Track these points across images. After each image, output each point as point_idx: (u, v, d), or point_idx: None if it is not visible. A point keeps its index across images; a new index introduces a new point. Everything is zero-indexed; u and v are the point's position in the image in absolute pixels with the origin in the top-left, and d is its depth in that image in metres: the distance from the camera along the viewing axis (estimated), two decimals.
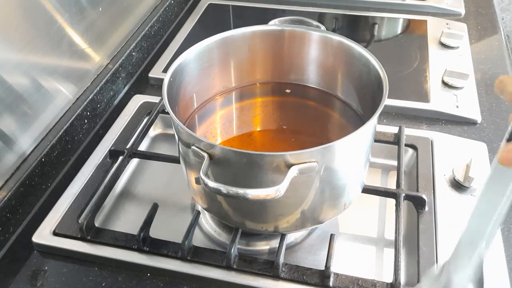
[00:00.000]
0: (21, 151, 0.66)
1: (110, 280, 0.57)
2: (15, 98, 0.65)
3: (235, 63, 0.66)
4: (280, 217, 0.54)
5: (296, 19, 0.71)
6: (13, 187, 0.63)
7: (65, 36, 0.74)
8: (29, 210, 0.66)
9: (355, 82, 0.62)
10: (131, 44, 0.89)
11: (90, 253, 0.59)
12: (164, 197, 0.67)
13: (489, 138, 0.73)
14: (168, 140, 0.77)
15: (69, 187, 0.66)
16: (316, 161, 0.47)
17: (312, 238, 0.61)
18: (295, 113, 0.67)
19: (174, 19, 1.06)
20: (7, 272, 0.58)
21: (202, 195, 0.56)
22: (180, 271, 0.56)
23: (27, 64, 0.67)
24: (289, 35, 0.65)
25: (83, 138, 0.77)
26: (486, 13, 1.05)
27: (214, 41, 0.63)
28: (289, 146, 0.61)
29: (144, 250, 0.58)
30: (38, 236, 0.60)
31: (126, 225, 0.64)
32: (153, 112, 0.75)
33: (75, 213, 0.62)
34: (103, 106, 0.82)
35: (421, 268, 0.55)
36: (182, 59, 0.60)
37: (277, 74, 0.69)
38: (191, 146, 0.49)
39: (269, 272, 0.55)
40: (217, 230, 0.62)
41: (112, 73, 0.83)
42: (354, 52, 0.60)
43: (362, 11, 1.04)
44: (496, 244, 0.58)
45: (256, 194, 0.45)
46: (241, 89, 0.69)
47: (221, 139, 0.63)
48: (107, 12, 0.84)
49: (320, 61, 0.66)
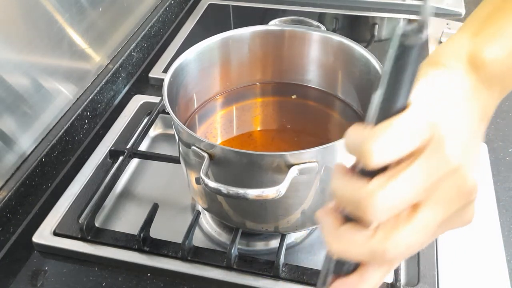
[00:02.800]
0: (21, 151, 0.66)
1: (110, 280, 0.57)
2: (16, 98, 0.65)
3: (235, 63, 0.66)
4: (281, 217, 0.54)
5: (296, 19, 0.71)
6: (13, 187, 0.63)
7: (65, 36, 0.74)
8: (30, 210, 0.66)
9: (355, 82, 0.62)
10: (131, 44, 0.89)
11: (90, 253, 0.59)
12: (164, 197, 0.67)
13: (489, 138, 0.73)
14: (168, 140, 0.77)
15: (70, 187, 0.66)
16: (316, 161, 0.47)
17: (313, 238, 0.61)
18: (295, 113, 0.67)
19: (174, 19, 1.06)
20: (7, 272, 0.58)
21: (202, 195, 0.56)
22: (180, 271, 0.56)
23: (27, 64, 0.67)
24: (289, 35, 0.65)
25: (84, 138, 0.77)
26: None
27: (214, 41, 0.63)
28: (289, 146, 0.61)
29: (144, 250, 0.58)
30: (39, 236, 0.60)
31: (126, 225, 0.64)
32: (153, 112, 0.75)
33: (75, 213, 0.62)
34: (104, 106, 0.82)
35: (421, 268, 0.55)
36: (182, 59, 0.60)
37: (277, 74, 0.69)
38: (192, 146, 0.49)
39: (269, 272, 0.55)
40: (217, 230, 0.62)
41: (112, 73, 0.83)
42: (355, 52, 0.60)
43: (362, 11, 1.04)
44: (496, 244, 0.58)
45: (256, 194, 0.45)
46: (241, 89, 0.69)
47: (221, 139, 0.63)
48: (107, 12, 0.84)
49: (320, 61, 0.66)
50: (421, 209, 0.27)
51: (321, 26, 0.67)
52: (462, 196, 0.28)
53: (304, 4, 1.07)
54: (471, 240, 0.58)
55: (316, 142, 0.48)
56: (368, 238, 0.27)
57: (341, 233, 0.29)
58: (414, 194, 0.26)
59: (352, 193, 0.27)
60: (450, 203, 0.28)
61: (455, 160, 0.27)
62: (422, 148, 0.26)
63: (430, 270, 0.55)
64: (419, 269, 0.55)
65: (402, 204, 0.27)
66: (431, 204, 0.27)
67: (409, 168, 0.26)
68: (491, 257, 0.56)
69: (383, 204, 0.26)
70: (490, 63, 0.31)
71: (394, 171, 0.26)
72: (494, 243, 0.58)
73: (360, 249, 0.28)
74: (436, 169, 0.26)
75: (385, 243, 0.27)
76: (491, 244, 0.58)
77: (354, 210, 0.27)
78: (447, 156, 0.27)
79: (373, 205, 0.26)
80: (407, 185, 0.26)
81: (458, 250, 0.57)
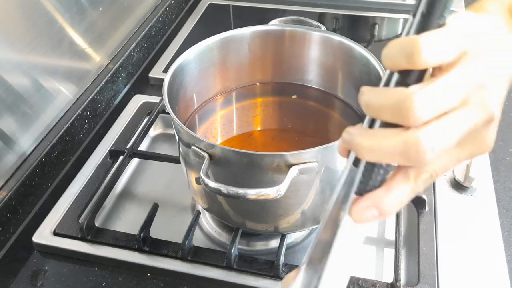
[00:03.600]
0: (21, 151, 0.66)
1: (110, 280, 0.57)
2: (16, 98, 0.65)
3: (235, 63, 0.66)
4: (280, 217, 0.54)
5: (297, 19, 0.71)
6: (13, 187, 0.63)
7: (65, 36, 0.74)
8: (30, 210, 0.66)
9: (355, 82, 0.62)
10: (132, 44, 0.89)
11: (90, 253, 0.59)
12: (164, 197, 0.67)
13: None
14: (168, 140, 0.77)
15: (70, 187, 0.66)
16: (316, 161, 0.47)
17: (312, 238, 0.61)
18: (295, 113, 0.67)
19: (174, 19, 1.06)
20: (7, 272, 0.58)
21: (202, 195, 0.56)
22: (180, 271, 0.56)
23: (27, 64, 0.67)
24: (289, 35, 0.65)
25: (84, 138, 0.77)
26: None
27: (214, 41, 0.63)
28: (289, 146, 0.61)
29: (144, 250, 0.58)
30: (39, 236, 0.60)
31: (126, 225, 0.64)
32: (154, 112, 0.75)
33: (75, 213, 0.62)
34: (104, 106, 0.82)
35: (421, 268, 0.55)
36: (182, 59, 0.60)
37: (277, 74, 0.69)
38: (192, 146, 0.49)
39: (270, 272, 0.55)
40: (217, 230, 0.62)
41: (112, 73, 0.83)
42: (355, 52, 0.60)
43: (363, 11, 1.04)
44: (496, 244, 0.58)
45: (256, 194, 0.45)
46: (241, 89, 0.69)
47: (221, 139, 0.63)
48: (107, 12, 0.84)
49: (321, 61, 0.66)
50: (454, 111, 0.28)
51: (321, 26, 0.67)
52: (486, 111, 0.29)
53: (304, 4, 1.07)
54: (471, 240, 0.58)
55: (316, 142, 0.48)
56: (402, 131, 0.28)
57: (372, 132, 0.30)
58: (452, 98, 0.28)
59: (392, 96, 0.28)
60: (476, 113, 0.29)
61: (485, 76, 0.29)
62: (458, 60, 0.28)
63: (430, 270, 0.55)
64: (419, 269, 0.55)
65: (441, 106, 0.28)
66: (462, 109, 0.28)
67: (447, 74, 0.28)
68: (491, 257, 0.56)
69: (425, 103, 0.27)
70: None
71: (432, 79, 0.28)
72: (494, 243, 0.58)
73: (394, 141, 0.28)
74: (469, 80, 0.28)
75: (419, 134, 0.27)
76: (491, 244, 0.58)
77: (394, 113, 0.28)
78: (479, 70, 0.28)
79: (416, 103, 0.27)
80: (446, 89, 0.28)
81: (458, 250, 0.57)
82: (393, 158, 0.29)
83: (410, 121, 0.27)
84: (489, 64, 0.29)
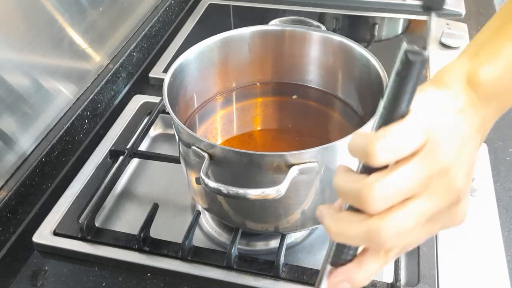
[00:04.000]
0: (21, 151, 0.66)
1: (110, 280, 0.57)
2: (16, 98, 0.65)
3: (235, 63, 0.66)
4: (281, 217, 0.54)
5: (297, 19, 0.71)
6: (13, 187, 0.63)
7: (65, 36, 0.74)
8: (30, 210, 0.66)
9: (355, 82, 0.62)
10: (132, 44, 0.89)
11: (90, 253, 0.59)
12: (164, 197, 0.67)
13: (489, 138, 0.73)
14: (169, 140, 0.77)
15: (70, 187, 0.66)
16: (316, 161, 0.47)
17: (313, 238, 0.61)
18: (295, 113, 0.67)
19: (174, 19, 1.06)
20: (7, 272, 0.58)
21: (202, 195, 0.56)
22: (180, 271, 0.56)
23: (27, 64, 0.67)
24: (289, 35, 0.65)
25: (84, 138, 0.77)
26: (486, 13, 1.05)
27: (214, 41, 0.63)
28: (289, 146, 0.61)
29: (144, 250, 0.58)
30: (39, 236, 0.60)
31: (126, 225, 0.64)
32: (154, 112, 0.75)
33: (75, 213, 0.62)
34: (104, 106, 0.82)
35: (421, 268, 0.55)
36: (182, 59, 0.60)
37: (277, 74, 0.69)
38: (192, 146, 0.49)
39: (270, 272, 0.55)
40: (217, 230, 0.62)
41: (112, 73, 0.83)
42: (355, 52, 0.60)
43: (363, 11, 1.04)
44: (496, 244, 0.58)
45: (256, 194, 0.45)
46: (241, 89, 0.69)
47: (221, 139, 0.63)
48: (107, 12, 0.84)
49: (321, 61, 0.66)
50: (414, 199, 0.29)
51: (321, 26, 0.67)
52: (451, 194, 0.30)
53: (304, 4, 1.07)
54: (471, 240, 0.58)
55: (316, 142, 0.48)
56: (365, 218, 0.30)
57: (340, 216, 0.32)
58: (409, 187, 0.29)
59: (353, 184, 0.30)
60: (440, 198, 0.30)
61: (447, 161, 0.30)
62: (419, 150, 0.29)
63: (430, 270, 0.55)
64: (419, 269, 0.55)
65: (398, 195, 0.29)
66: (423, 196, 0.30)
67: (406, 164, 0.29)
68: (491, 257, 0.56)
69: (381, 194, 0.29)
70: (485, 82, 0.34)
71: (392, 167, 0.29)
72: (494, 243, 0.58)
73: (357, 229, 0.30)
74: (429, 167, 0.29)
75: (380, 223, 0.29)
76: (491, 244, 0.58)
77: (355, 201, 0.30)
78: (440, 157, 0.29)
79: (372, 194, 0.29)
80: (403, 179, 0.29)
81: (458, 250, 0.57)
82: (359, 243, 0.31)
83: (369, 210, 0.29)
84: (451, 148, 0.30)
